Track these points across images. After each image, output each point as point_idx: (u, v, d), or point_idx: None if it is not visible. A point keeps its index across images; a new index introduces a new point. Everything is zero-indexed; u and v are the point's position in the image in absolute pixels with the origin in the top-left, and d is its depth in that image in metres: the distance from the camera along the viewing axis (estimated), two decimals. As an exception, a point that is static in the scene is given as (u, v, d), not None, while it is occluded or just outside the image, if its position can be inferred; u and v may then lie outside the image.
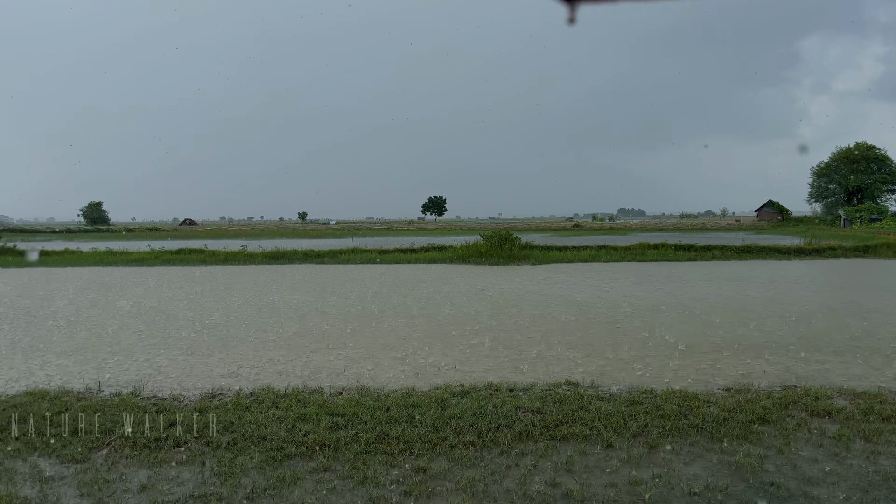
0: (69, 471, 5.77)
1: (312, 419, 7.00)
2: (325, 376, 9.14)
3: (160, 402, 7.85)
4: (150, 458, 6.03)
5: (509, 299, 17.22)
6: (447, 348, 10.98)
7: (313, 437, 6.46)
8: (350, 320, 13.97)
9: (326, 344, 11.44)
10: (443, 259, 31.75)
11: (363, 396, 7.95)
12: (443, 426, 6.79)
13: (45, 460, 6.02)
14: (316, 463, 5.91)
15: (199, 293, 19.46)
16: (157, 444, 6.35)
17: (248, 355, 10.55)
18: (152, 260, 32.81)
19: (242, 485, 5.44)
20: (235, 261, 32.49)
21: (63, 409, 7.39)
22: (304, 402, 7.69)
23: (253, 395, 8.05)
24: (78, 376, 9.21)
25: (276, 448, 6.22)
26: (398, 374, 9.30)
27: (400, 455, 6.06)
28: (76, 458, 6.04)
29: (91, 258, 34.01)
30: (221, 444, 6.34)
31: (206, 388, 8.49)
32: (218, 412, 7.28)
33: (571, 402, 7.61)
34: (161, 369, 9.64)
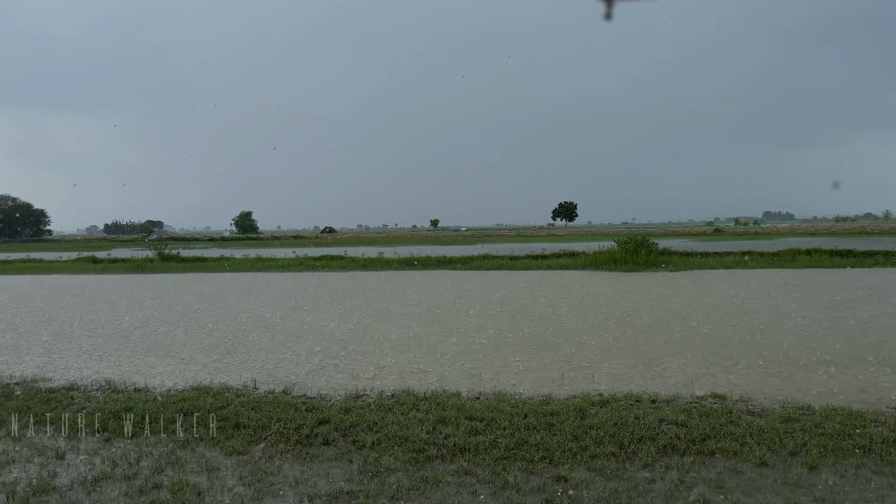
0: (231, 461, 6.23)
1: (452, 423, 7.13)
2: (463, 380, 9.28)
3: (309, 400, 8.30)
4: (302, 453, 6.39)
5: (646, 306, 16.66)
6: (581, 356, 10.80)
7: (453, 441, 6.57)
8: (486, 324, 14.09)
9: (462, 348, 11.61)
10: (575, 265, 31.30)
11: (500, 402, 7.99)
12: (582, 435, 6.68)
13: (211, 451, 6.53)
14: (457, 466, 6.01)
15: (339, 297, 20.36)
16: (308, 441, 6.72)
17: (389, 357, 10.91)
18: (297, 266, 34.76)
19: (388, 483, 5.63)
20: (373, 266, 33.73)
21: (224, 405, 7.99)
22: (443, 405, 7.84)
23: (394, 397, 8.32)
24: (236, 374, 9.93)
25: (418, 449, 6.39)
26: (534, 380, 9.26)
27: (539, 462, 6.03)
28: (237, 450, 6.51)
29: (243, 264, 36.56)
30: (367, 443, 6.60)
31: (350, 389, 8.88)
32: (362, 412, 7.59)
33: (719, 415, 7.25)
34: (309, 371, 10.18)
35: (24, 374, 10.12)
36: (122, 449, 6.63)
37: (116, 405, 8.07)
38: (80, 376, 9.91)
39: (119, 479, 5.84)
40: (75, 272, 35.10)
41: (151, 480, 5.76)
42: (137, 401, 8.27)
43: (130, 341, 13.00)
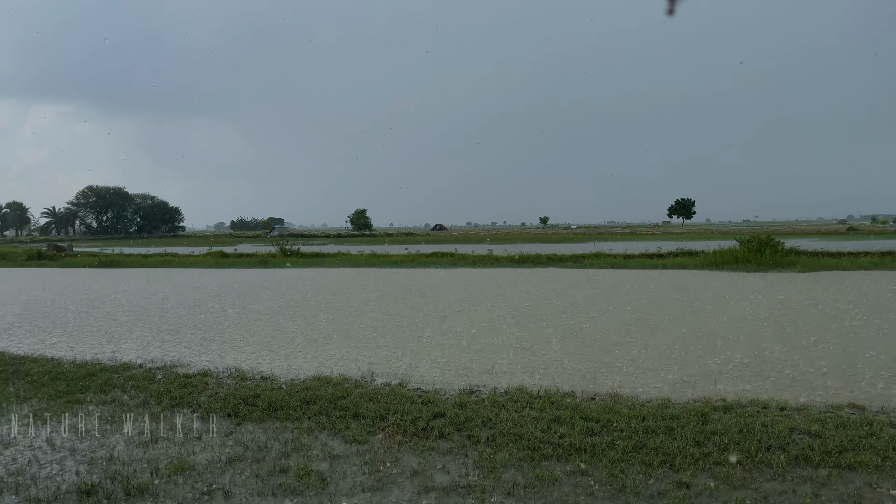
0: (352, 450, 6.45)
1: (567, 422, 7.05)
2: (576, 380, 9.15)
3: (424, 394, 8.46)
4: (419, 445, 6.53)
5: (771, 308, 15.75)
6: (702, 359, 10.37)
7: (569, 441, 6.50)
8: (601, 324, 13.82)
9: (575, 347, 11.44)
10: (693, 265, 30.07)
11: (616, 403, 7.82)
12: (704, 441, 6.42)
13: (333, 439, 6.79)
14: (573, 466, 5.94)
15: (451, 294, 20.60)
16: (425, 434, 6.85)
17: (502, 354, 10.93)
18: (410, 262, 35.49)
19: (503, 480, 5.65)
20: (483, 264, 33.89)
21: (344, 395, 8.30)
22: (557, 404, 7.77)
23: (507, 394, 8.33)
24: (354, 366, 10.27)
25: (533, 448, 6.37)
26: (651, 383, 8.99)
27: (660, 467, 5.85)
28: (357, 439, 6.74)
29: (359, 260, 37.76)
30: (481, 438, 6.65)
31: (464, 385, 8.96)
32: (476, 408, 7.65)
33: (857, 427, 6.75)
34: (423, 365, 10.37)
35: (165, 360, 10.92)
36: (251, 433, 7.02)
37: (245, 392, 8.56)
38: (213, 364, 10.58)
39: (249, 461, 6.19)
40: (206, 266, 37.50)
41: (279, 464, 6.08)
42: (264, 388, 8.74)
43: (256, 333, 13.74)
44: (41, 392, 8.77)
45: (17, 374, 9.89)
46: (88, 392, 8.77)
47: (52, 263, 41.39)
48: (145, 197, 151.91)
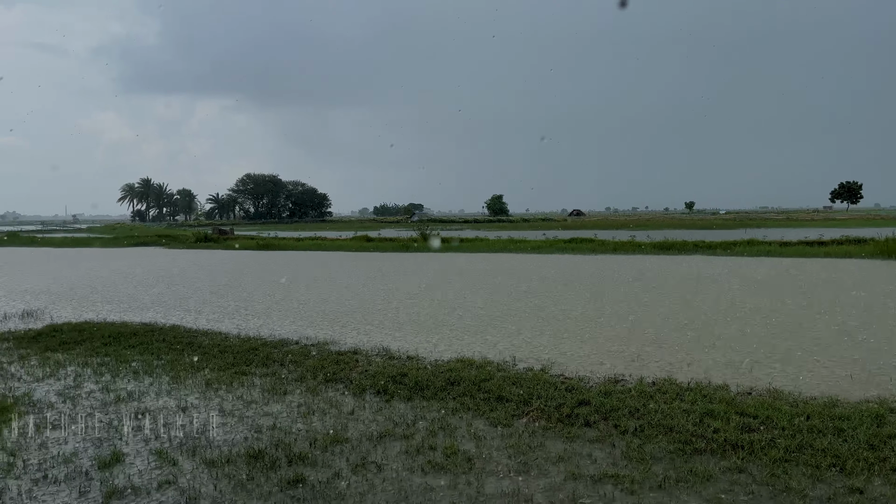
0: (497, 433, 6.52)
1: (721, 416, 6.71)
2: (729, 372, 8.68)
3: (567, 380, 8.37)
4: (564, 432, 6.47)
5: (960, 304, 14.07)
6: (877, 355, 9.47)
7: (724, 436, 6.18)
8: (759, 315, 13.00)
9: (730, 338, 10.85)
10: (859, 254, 27.50)
11: (776, 400, 7.33)
12: (880, 445, 5.88)
13: (478, 421, 6.90)
14: (729, 462, 5.65)
15: (592, 280, 20.19)
16: (569, 420, 6.78)
17: (647, 343, 10.59)
18: (548, 248, 35.17)
19: (653, 472, 5.48)
20: (624, 250, 32.92)
21: (487, 378, 8.39)
22: (709, 397, 7.41)
23: (655, 385, 8.05)
24: (495, 349, 10.35)
25: (685, 441, 6.12)
26: (816, 378, 8.34)
27: (828, 470, 5.43)
28: (501, 422, 6.80)
29: (496, 245, 37.95)
30: (629, 428, 6.48)
31: (608, 373, 8.77)
32: (622, 397, 7.46)
33: None
34: (565, 351, 10.26)
35: (318, 337, 11.56)
36: (400, 411, 7.28)
37: (393, 370, 8.88)
38: (362, 342, 11.06)
39: (399, 437, 6.43)
40: (352, 250, 39.21)
41: (427, 442, 6.25)
42: (411, 368, 9.03)
43: (401, 312, 14.20)
44: (212, 363, 9.58)
45: (191, 345, 10.86)
46: (252, 365, 9.47)
47: (217, 246, 45.00)
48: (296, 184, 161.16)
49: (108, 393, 8.11)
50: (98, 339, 11.44)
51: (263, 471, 5.66)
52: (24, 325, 13.28)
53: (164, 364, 9.59)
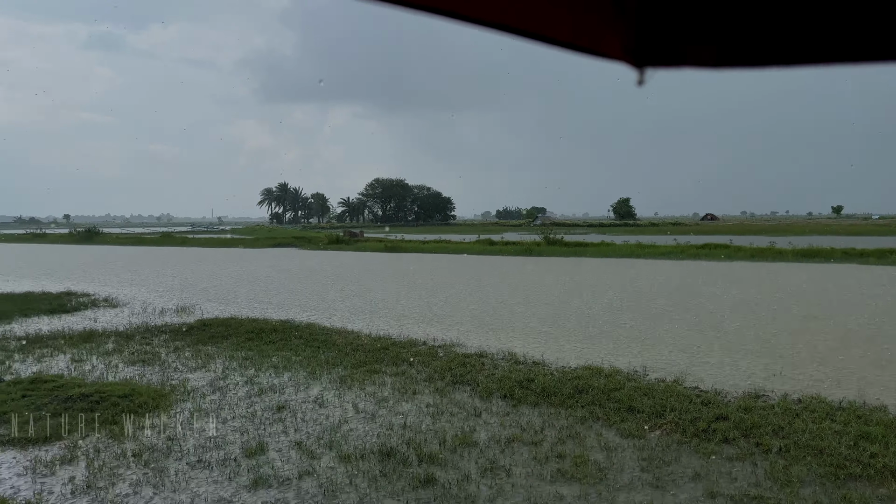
0: (628, 444, 6.34)
1: (879, 440, 6.16)
2: (888, 395, 7.96)
3: (703, 393, 8.00)
4: (700, 448, 6.19)
5: None
6: None
7: (882, 461, 5.68)
8: (913, 332, 11.85)
9: (888, 357, 9.96)
10: None
11: (944, 426, 6.64)
12: None
13: (607, 431, 6.74)
14: (889, 490, 5.18)
15: (731, 288, 19.19)
16: (706, 436, 6.48)
17: (790, 360, 9.93)
18: (678, 253, 33.83)
19: (801, 496, 5.12)
20: (762, 257, 31.07)
21: (617, 387, 8.18)
22: (864, 419, 6.84)
23: (801, 402, 7.53)
24: (623, 358, 10.08)
25: (837, 465, 5.68)
26: None
27: None
28: (633, 433, 6.60)
29: (623, 250, 36.95)
30: (772, 448, 6.10)
31: (747, 387, 8.30)
32: (764, 414, 7.04)
33: None
34: (701, 363, 9.82)
35: (445, 339, 11.74)
36: (527, 416, 7.25)
37: (519, 375, 8.87)
38: (487, 346, 11.13)
39: (527, 443, 6.40)
40: (475, 252, 39.56)
41: (556, 450, 6.19)
42: (537, 373, 8.97)
43: (522, 317, 14.16)
44: (345, 360, 9.99)
45: (326, 343, 11.37)
46: (383, 363, 9.78)
47: (348, 247, 46.87)
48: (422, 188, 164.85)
49: (252, 385, 8.65)
50: (242, 334, 12.23)
51: (396, 468, 5.82)
52: (179, 319, 14.44)
53: (301, 360, 10.10)
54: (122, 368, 9.68)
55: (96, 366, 9.85)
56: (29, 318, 14.71)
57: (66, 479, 5.60)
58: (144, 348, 11.12)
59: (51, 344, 11.53)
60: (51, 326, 13.53)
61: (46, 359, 10.39)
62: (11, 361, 10.20)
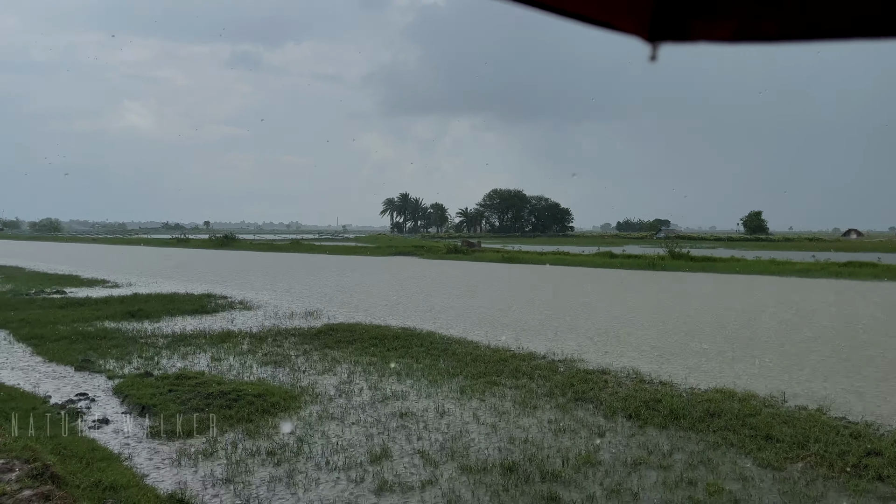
0: (766, 475, 5.92)
1: None
2: None
3: (851, 425, 7.36)
4: (850, 484, 5.68)
5: None
6: None
7: None
8: None
9: None
10: None
11: None
12: None
13: (743, 459, 6.33)
14: None
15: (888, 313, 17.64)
16: (856, 472, 5.94)
17: (953, 391, 8.95)
18: (818, 271, 31.55)
19: (974, 549, 4.58)
20: (917, 278, 28.35)
21: (752, 413, 7.68)
22: None
23: (970, 442, 6.75)
24: (760, 382, 9.47)
25: None
26: None
27: None
28: (771, 464, 6.16)
29: (755, 266, 34.91)
30: (937, 491, 5.50)
31: (904, 421, 7.55)
32: (925, 452, 6.36)
33: None
34: (849, 392, 9.06)
35: (565, 353, 11.53)
36: (654, 438, 6.96)
37: (645, 395, 8.54)
38: (610, 362, 10.81)
39: (655, 467, 6.13)
40: (594, 266, 38.72)
41: (686, 475, 5.88)
42: (664, 394, 8.60)
43: (648, 333, 13.65)
44: (465, 371, 10.02)
45: (446, 352, 11.47)
46: (502, 375, 9.73)
47: (465, 257, 47.31)
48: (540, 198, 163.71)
49: (376, 391, 8.85)
50: (366, 339, 12.58)
51: (518, 484, 5.74)
52: (306, 323, 15.08)
53: (422, 368, 10.24)
54: (255, 369, 10.21)
55: (233, 365, 10.45)
56: (174, 318, 15.87)
57: (207, 472, 5.95)
58: (276, 350, 11.69)
59: (193, 342, 12.38)
60: (193, 326, 14.53)
61: (189, 356, 11.15)
62: (160, 357, 11.03)
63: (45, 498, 4.06)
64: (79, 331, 13.45)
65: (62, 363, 10.59)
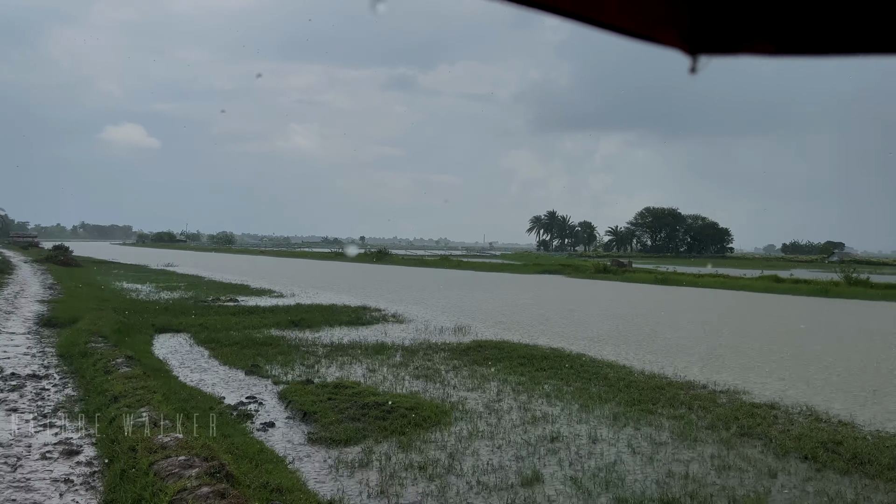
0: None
1: None
2: None
3: None
4: None
5: None
6: None
7: None
8: None
9: None
10: None
11: None
12: None
13: None
14: None
15: None
16: None
17: None
18: None
19: None
20: None
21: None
22: None
23: None
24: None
25: None
26: None
27: None
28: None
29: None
30: None
31: None
32: None
33: None
34: None
35: (727, 383, 10.80)
36: (834, 484, 6.29)
37: (822, 435, 7.76)
38: (780, 396, 9.98)
39: (837, 517, 5.53)
40: (758, 290, 36.16)
41: (876, 531, 5.26)
42: (845, 435, 7.78)
43: (827, 366, 12.47)
44: (618, 396, 9.65)
45: (597, 376, 11.12)
46: (658, 404, 9.25)
47: (615, 277, 45.97)
48: (696, 217, 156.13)
49: (525, 412, 8.74)
50: (515, 358, 12.51)
51: (678, 522, 5.40)
52: (456, 339, 15.27)
53: (573, 391, 10.00)
54: (407, 382, 10.46)
55: (386, 377, 10.77)
56: (332, 328, 16.69)
57: (362, 482, 6.13)
58: (426, 364, 11.92)
59: (349, 353, 12.93)
60: (349, 337, 15.19)
61: (346, 366, 11.65)
62: (319, 366, 11.61)
63: (221, 495, 4.35)
64: (249, 337, 14.49)
65: (234, 367, 11.44)
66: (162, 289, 27.89)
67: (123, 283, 31.12)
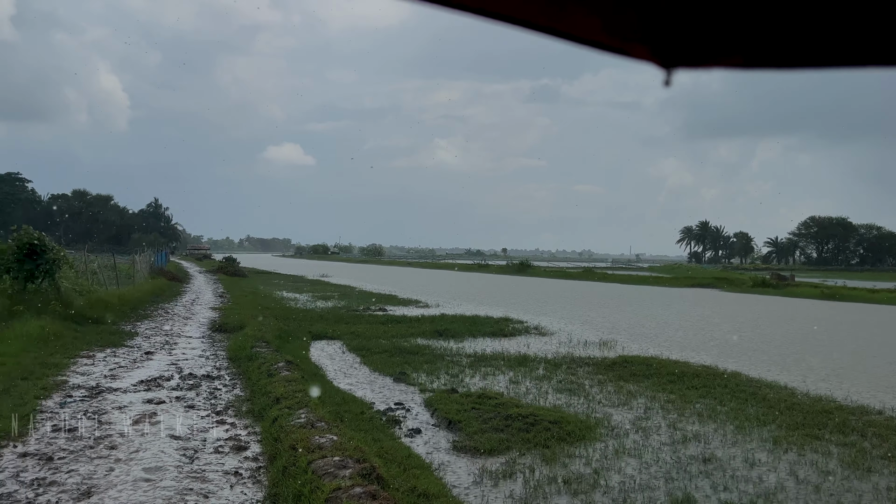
0: None
1: None
2: None
3: None
4: None
5: None
6: None
7: None
8: None
9: None
10: None
11: None
12: None
13: None
14: None
15: None
16: None
17: None
18: None
19: None
20: None
21: None
22: None
23: None
24: None
25: None
26: None
27: None
28: None
29: None
30: None
31: None
32: None
33: None
34: None
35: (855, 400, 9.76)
36: None
37: None
38: None
39: None
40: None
41: None
42: None
43: None
44: (778, 419, 9.01)
45: (755, 396, 10.45)
46: (825, 430, 8.53)
47: (776, 291, 42.89)
48: (870, 227, 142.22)
49: (675, 430, 8.39)
50: (664, 375, 12.04)
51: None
52: (600, 353, 14.94)
53: (727, 411, 9.46)
54: (551, 395, 10.38)
55: (529, 389, 10.76)
56: (475, 339, 16.91)
57: (507, 493, 6.16)
58: (570, 378, 11.76)
59: (492, 363, 13.04)
60: (492, 347, 15.32)
61: (489, 376, 11.76)
62: (463, 376, 11.81)
63: (372, 497, 4.57)
64: (396, 345, 15.02)
65: (383, 374, 11.91)
66: (318, 298, 29.61)
67: (283, 292, 33.38)
